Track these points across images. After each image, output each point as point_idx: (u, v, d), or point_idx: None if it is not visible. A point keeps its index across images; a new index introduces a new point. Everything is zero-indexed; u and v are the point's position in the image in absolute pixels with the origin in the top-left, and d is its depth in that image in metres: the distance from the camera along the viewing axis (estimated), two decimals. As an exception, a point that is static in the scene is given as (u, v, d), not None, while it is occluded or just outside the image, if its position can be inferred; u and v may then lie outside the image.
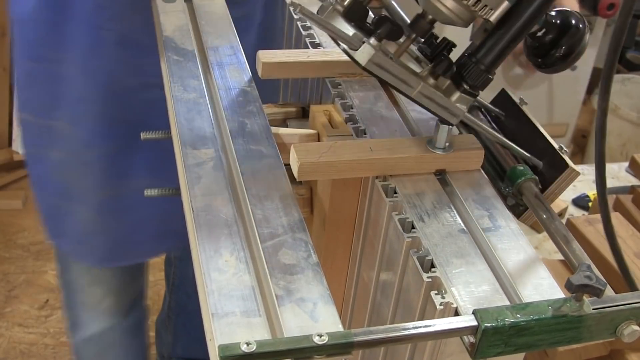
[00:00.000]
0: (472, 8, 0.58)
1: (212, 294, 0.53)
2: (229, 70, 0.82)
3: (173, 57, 0.83)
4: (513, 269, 0.59)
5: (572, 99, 2.60)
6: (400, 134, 0.75)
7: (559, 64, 0.67)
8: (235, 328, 0.50)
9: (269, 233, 0.59)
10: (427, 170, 0.69)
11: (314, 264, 0.56)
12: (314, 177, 0.67)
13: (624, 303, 0.54)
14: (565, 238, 0.62)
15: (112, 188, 1.12)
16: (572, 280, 0.51)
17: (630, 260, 0.98)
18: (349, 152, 0.67)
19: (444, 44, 0.64)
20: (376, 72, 0.61)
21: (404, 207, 0.64)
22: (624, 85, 2.64)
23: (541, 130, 0.73)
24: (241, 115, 0.74)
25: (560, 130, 2.66)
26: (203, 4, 0.95)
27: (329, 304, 0.53)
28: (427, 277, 0.57)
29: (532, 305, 0.53)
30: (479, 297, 0.56)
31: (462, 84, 0.63)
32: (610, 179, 1.41)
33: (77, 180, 1.12)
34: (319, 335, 0.48)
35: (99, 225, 1.15)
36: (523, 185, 0.69)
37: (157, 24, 0.91)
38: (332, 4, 0.62)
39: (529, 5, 0.59)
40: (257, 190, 0.64)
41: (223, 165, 0.68)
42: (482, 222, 0.63)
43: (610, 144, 2.54)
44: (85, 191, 1.12)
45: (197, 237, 0.58)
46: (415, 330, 0.50)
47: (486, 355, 0.52)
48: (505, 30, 0.60)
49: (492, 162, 0.74)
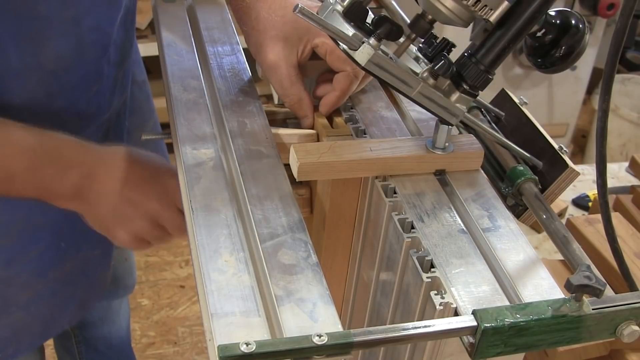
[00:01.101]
0: (472, 8, 0.58)
1: (211, 294, 0.53)
2: (229, 70, 0.82)
3: (173, 57, 0.83)
4: (513, 269, 0.59)
5: (572, 99, 2.60)
6: (400, 134, 0.75)
7: (559, 64, 0.66)
8: (234, 328, 0.50)
9: (269, 233, 0.59)
10: (427, 170, 0.69)
11: (313, 264, 0.56)
12: (314, 177, 0.67)
13: (624, 303, 0.54)
14: (565, 238, 0.62)
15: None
16: (572, 280, 0.51)
17: (630, 260, 0.98)
18: (349, 152, 0.66)
19: (444, 44, 0.64)
20: (376, 72, 0.61)
21: (404, 207, 0.64)
22: (624, 85, 2.64)
23: (541, 130, 0.73)
24: (241, 115, 0.74)
25: (560, 130, 2.66)
26: (203, 4, 0.95)
27: (329, 304, 0.53)
28: (427, 277, 0.57)
29: (531, 305, 0.53)
30: (478, 297, 0.56)
31: (462, 84, 0.62)
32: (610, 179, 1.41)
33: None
34: (318, 336, 0.48)
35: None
36: (523, 186, 0.69)
37: (157, 23, 0.91)
38: (332, 4, 0.62)
39: (529, 5, 0.59)
40: (257, 191, 0.64)
41: (223, 165, 0.68)
42: (482, 222, 0.63)
43: (610, 144, 2.53)
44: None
45: (197, 237, 0.58)
46: (415, 331, 0.50)
47: (486, 356, 0.52)
48: (505, 30, 0.60)
49: (492, 162, 0.74)
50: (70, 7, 0.77)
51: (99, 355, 1.41)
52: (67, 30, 0.79)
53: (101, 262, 1.04)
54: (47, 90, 0.81)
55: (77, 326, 1.35)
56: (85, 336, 1.38)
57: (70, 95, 0.84)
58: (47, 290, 0.96)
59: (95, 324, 1.36)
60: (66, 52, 0.80)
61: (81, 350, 1.39)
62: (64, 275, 0.97)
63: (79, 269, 0.99)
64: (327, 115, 0.78)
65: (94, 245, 1.00)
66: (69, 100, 0.84)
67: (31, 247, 0.91)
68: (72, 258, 0.97)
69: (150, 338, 2.02)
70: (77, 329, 1.36)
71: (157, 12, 0.92)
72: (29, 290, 0.94)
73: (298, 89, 0.76)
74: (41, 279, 0.95)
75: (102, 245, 1.01)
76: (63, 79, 0.82)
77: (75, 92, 0.85)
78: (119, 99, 0.97)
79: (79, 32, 0.80)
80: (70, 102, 0.84)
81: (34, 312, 0.97)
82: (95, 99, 0.88)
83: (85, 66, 0.84)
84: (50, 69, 0.80)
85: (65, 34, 0.78)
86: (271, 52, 0.76)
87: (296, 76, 0.76)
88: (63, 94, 0.83)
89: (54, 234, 0.93)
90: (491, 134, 0.71)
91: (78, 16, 0.79)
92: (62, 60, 0.80)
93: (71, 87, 0.83)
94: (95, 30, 0.82)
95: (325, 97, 0.77)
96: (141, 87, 1.11)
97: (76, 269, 0.98)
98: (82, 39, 0.81)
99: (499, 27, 0.60)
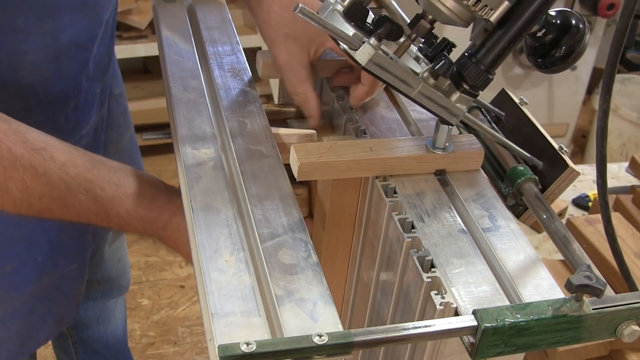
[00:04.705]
0: (472, 8, 0.58)
1: (212, 294, 0.53)
2: (229, 70, 0.82)
3: (173, 57, 0.83)
4: (513, 269, 0.59)
5: (572, 99, 2.60)
6: (400, 134, 0.75)
7: (559, 64, 0.66)
8: (235, 328, 0.50)
9: (269, 233, 0.59)
10: (427, 170, 0.69)
11: (313, 264, 0.56)
12: (314, 177, 0.67)
13: (624, 303, 0.54)
14: (565, 238, 0.62)
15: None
16: (572, 280, 0.51)
17: (630, 260, 0.98)
18: (349, 152, 0.67)
19: (444, 44, 0.64)
20: (376, 72, 0.61)
21: (404, 207, 0.64)
22: (624, 85, 2.64)
23: (541, 130, 0.73)
24: (241, 115, 0.74)
25: (560, 130, 2.66)
26: (203, 4, 0.94)
27: (329, 304, 0.53)
28: (427, 277, 0.57)
29: (532, 305, 0.53)
30: (478, 297, 0.56)
31: (462, 84, 0.62)
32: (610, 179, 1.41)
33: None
34: (318, 336, 0.48)
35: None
36: (523, 186, 0.69)
37: (157, 24, 0.91)
38: (332, 3, 0.62)
39: (529, 5, 0.59)
40: (257, 190, 0.64)
41: (223, 165, 0.68)
42: (482, 222, 0.63)
43: (610, 144, 2.53)
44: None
45: (197, 237, 0.58)
46: (415, 330, 0.50)
47: (486, 356, 0.52)
48: (505, 30, 0.60)
49: (492, 162, 0.74)
50: (48, 21, 0.76)
51: (96, 355, 1.41)
52: (46, 44, 0.77)
53: (77, 277, 1.02)
54: (24, 104, 0.80)
55: (73, 327, 1.34)
56: (82, 337, 1.37)
57: (48, 109, 0.83)
58: (24, 306, 0.95)
59: (90, 324, 1.36)
60: (44, 66, 0.79)
61: (78, 351, 1.39)
62: (41, 291, 0.95)
63: (56, 284, 0.97)
64: (356, 107, 0.78)
65: (71, 259, 0.98)
66: (47, 115, 0.83)
67: (7, 260, 0.89)
68: (49, 273, 0.95)
69: (150, 338, 2.02)
70: (73, 330, 1.35)
71: (157, 12, 0.92)
72: (4, 305, 0.93)
73: (305, 89, 0.78)
74: (18, 294, 0.93)
75: (78, 259, 1.00)
76: (41, 93, 0.81)
77: (54, 106, 0.84)
78: (97, 114, 0.95)
79: (57, 47, 0.79)
80: (47, 116, 0.83)
81: (10, 327, 0.96)
82: (73, 114, 0.87)
83: (64, 81, 0.83)
84: (27, 82, 0.79)
85: (43, 48, 0.77)
86: (283, 51, 0.77)
87: (306, 76, 0.77)
88: (41, 109, 0.82)
89: (30, 248, 0.91)
90: (491, 134, 0.71)
91: (56, 31, 0.78)
92: (39, 74, 0.79)
93: (49, 101, 0.82)
94: (75, 45, 0.81)
95: (354, 91, 0.77)
96: (118, 100, 1.09)
97: (53, 284, 0.96)
98: (61, 53, 0.80)
99: (499, 27, 0.60)
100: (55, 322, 1.02)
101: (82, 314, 1.31)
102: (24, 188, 0.65)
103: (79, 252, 0.94)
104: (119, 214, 0.71)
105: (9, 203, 0.66)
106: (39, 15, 0.75)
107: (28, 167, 0.65)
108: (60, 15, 0.77)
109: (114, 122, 1.08)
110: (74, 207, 0.69)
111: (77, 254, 0.98)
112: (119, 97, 1.10)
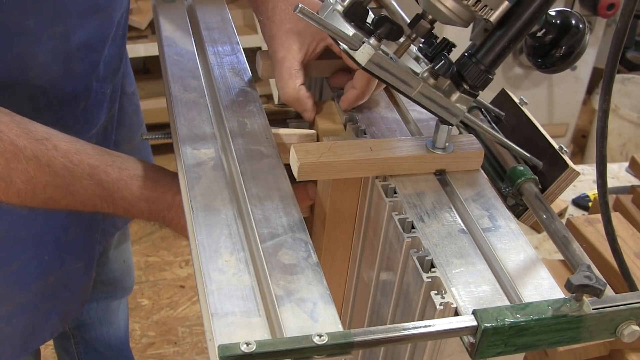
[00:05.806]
0: (473, 8, 0.58)
1: (212, 294, 0.53)
2: (229, 70, 0.82)
3: (173, 57, 0.83)
4: (513, 269, 0.59)
5: (572, 99, 2.60)
6: (400, 134, 0.75)
7: (559, 64, 0.67)
8: (234, 328, 0.50)
9: (269, 233, 0.59)
10: (427, 170, 0.69)
11: (313, 264, 0.56)
12: (314, 177, 0.67)
13: (624, 303, 0.54)
14: (565, 238, 0.62)
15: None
16: (572, 280, 0.51)
17: (630, 260, 0.98)
18: (349, 152, 0.67)
19: (444, 44, 0.64)
20: (376, 72, 0.61)
21: (404, 207, 0.64)
22: (624, 85, 2.63)
23: (541, 130, 0.73)
24: (241, 115, 0.74)
25: (560, 130, 2.65)
26: (203, 4, 0.94)
27: (329, 304, 0.53)
28: (427, 277, 0.57)
29: (532, 305, 0.53)
30: (478, 297, 0.56)
31: (462, 84, 0.62)
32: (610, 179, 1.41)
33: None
34: (318, 336, 0.48)
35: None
36: (523, 186, 0.69)
37: (157, 23, 0.91)
38: (332, 3, 0.62)
39: (529, 5, 0.59)
40: (257, 190, 0.64)
41: (223, 165, 0.68)
42: (482, 222, 0.63)
43: (610, 144, 2.53)
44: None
45: (197, 237, 0.58)
46: (415, 330, 0.50)
47: (486, 356, 0.52)
48: (505, 30, 0.60)
49: (492, 162, 0.74)
50: (59, 23, 0.76)
51: (98, 356, 1.41)
52: (56, 46, 0.78)
53: (83, 275, 1.02)
54: (34, 106, 0.80)
55: (75, 327, 1.34)
56: (84, 337, 1.37)
57: (57, 111, 0.83)
58: (29, 303, 0.95)
59: (93, 325, 1.36)
60: (54, 68, 0.79)
61: (80, 351, 1.39)
62: (46, 288, 0.95)
63: (62, 282, 0.97)
64: (346, 110, 0.78)
65: (77, 257, 0.98)
66: (56, 116, 0.83)
67: (13, 259, 0.90)
68: (55, 271, 0.95)
69: (150, 338, 2.02)
70: (76, 330, 1.36)
71: (157, 12, 0.92)
72: (10, 302, 0.93)
73: (294, 83, 0.76)
74: (23, 292, 0.93)
75: (85, 257, 1.00)
76: (50, 94, 0.81)
77: (63, 107, 0.84)
78: (107, 114, 0.95)
79: (67, 49, 0.79)
80: (57, 117, 0.83)
81: (16, 324, 0.96)
82: (82, 115, 0.87)
83: (74, 82, 0.83)
84: (37, 84, 0.79)
85: (53, 50, 0.78)
86: (282, 45, 0.77)
87: (297, 70, 0.76)
88: (50, 110, 0.82)
89: (37, 247, 0.91)
90: (491, 134, 0.71)
91: (67, 33, 0.78)
92: (49, 76, 0.79)
93: (58, 102, 0.83)
94: (85, 47, 0.81)
95: (345, 94, 0.77)
96: (130, 99, 1.10)
97: (59, 281, 0.97)
98: (71, 55, 0.80)
99: (499, 27, 0.60)
100: (60, 319, 1.02)
101: (85, 314, 1.31)
102: (28, 179, 0.66)
103: (85, 250, 0.94)
104: (124, 196, 0.71)
105: (13, 195, 0.67)
106: (50, 17, 0.75)
107: (31, 158, 0.65)
108: (71, 17, 0.77)
109: (127, 121, 1.08)
110: (79, 194, 0.70)
111: (84, 252, 0.98)
112: (131, 96, 1.10)
